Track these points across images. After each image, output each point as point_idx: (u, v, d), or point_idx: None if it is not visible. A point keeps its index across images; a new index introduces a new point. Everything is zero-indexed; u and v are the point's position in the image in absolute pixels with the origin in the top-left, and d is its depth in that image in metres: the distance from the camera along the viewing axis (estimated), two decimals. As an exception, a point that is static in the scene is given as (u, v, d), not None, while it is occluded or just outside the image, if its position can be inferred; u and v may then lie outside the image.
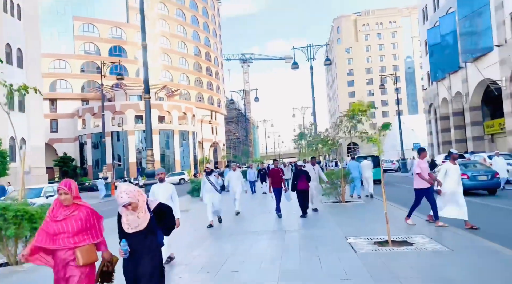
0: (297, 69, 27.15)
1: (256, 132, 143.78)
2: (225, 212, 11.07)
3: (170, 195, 6.05)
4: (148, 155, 13.12)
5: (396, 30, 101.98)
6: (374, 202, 13.24)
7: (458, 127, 31.37)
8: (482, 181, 14.08)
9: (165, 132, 57.45)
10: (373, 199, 14.24)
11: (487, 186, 14.24)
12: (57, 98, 59.53)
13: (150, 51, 66.28)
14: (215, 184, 9.45)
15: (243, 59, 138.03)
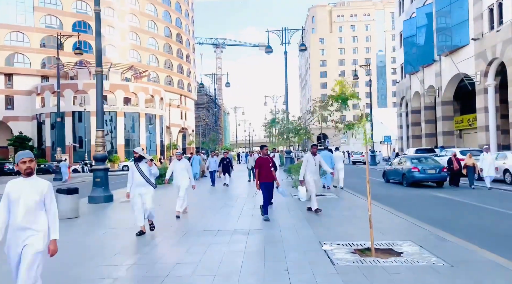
0: (271, 54, 25.83)
1: (227, 119, 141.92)
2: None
3: None
4: (97, 136, 11.58)
5: (370, 23, 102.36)
6: (346, 195, 12.29)
7: (429, 121, 31.22)
8: (432, 174, 15.62)
9: (131, 114, 54.85)
10: (343, 191, 13.43)
11: (435, 178, 15.69)
12: (14, 73, 55.42)
13: (118, 29, 62.96)
14: (147, 174, 6.89)
15: (216, 44, 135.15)
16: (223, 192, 13.93)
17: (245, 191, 14.39)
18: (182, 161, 9.20)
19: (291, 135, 19.21)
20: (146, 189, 6.87)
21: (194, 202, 11.34)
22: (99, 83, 11.93)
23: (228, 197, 12.50)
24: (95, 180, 11.83)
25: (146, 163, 7.03)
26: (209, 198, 12.46)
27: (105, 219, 9.10)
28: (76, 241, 6.62)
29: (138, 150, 7.09)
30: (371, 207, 5.56)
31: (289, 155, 27.10)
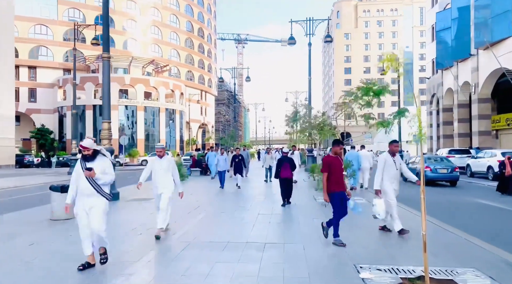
0: (293, 47, 24.47)
1: (247, 116, 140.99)
2: (183, 207, 8.53)
3: None
4: (104, 128, 10.51)
5: (397, 19, 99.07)
6: (370, 197, 10.86)
7: (463, 120, 29.14)
8: (443, 174, 16.20)
9: (151, 109, 54.42)
10: (372, 195, 12.01)
11: (447, 178, 16.26)
12: (37, 66, 55.85)
13: (140, 23, 62.65)
14: (98, 182, 4.61)
15: (238, 39, 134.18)
16: (236, 193, 12.65)
17: (261, 192, 13.10)
18: (165, 159, 6.64)
19: (314, 132, 17.79)
20: (94, 201, 4.59)
21: (204, 204, 10.17)
22: (106, 70, 10.89)
23: (243, 199, 11.25)
24: (100, 176, 10.80)
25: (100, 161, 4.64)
26: (221, 200, 11.26)
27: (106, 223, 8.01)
28: (57, 250, 5.52)
29: (87, 143, 4.63)
30: (425, 223, 4.20)
31: (311, 153, 25.70)
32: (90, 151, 4.63)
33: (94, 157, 4.65)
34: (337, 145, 6.10)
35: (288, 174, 9.76)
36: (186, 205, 9.74)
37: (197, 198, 11.20)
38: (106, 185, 4.67)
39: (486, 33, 24.05)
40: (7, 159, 32.29)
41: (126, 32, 60.97)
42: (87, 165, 4.57)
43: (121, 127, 52.92)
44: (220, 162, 14.48)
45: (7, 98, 34.07)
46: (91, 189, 4.57)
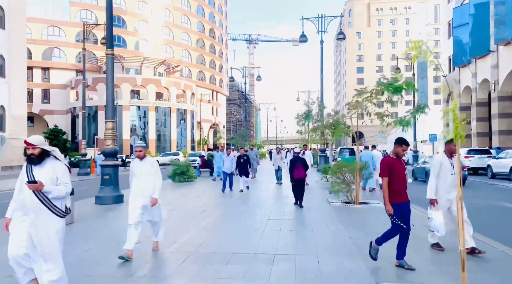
0: (305, 44, 23.83)
1: (259, 116, 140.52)
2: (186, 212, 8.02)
3: None
4: (107, 128, 10.12)
5: (411, 17, 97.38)
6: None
7: (481, 119, 28.12)
8: None
9: (162, 109, 54.33)
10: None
11: None
12: (50, 67, 56.28)
13: (152, 23, 62.68)
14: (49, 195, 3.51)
15: (249, 40, 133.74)
16: (245, 196, 12.01)
17: (272, 195, 12.49)
18: (147, 160, 5.26)
19: (326, 131, 17.15)
20: (41, 219, 3.48)
21: (211, 208, 9.65)
22: (109, 67, 10.48)
23: (252, 202, 10.66)
24: (104, 178, 10.42)
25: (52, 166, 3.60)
26: (229, 203, 10.70)
27: (102, 227, 7.55)
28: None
29: (33, 139, 3.57)
30: (464, 237, 3.59)
31: (324, 153, 25.02)
32: (36, 149, 3.49)
33: (40, 159, 3.51)
34: (400, 144, 4.76)
35: (302, 174, 9.66)
36: (192, 209, 9.25)
37: (204, 201, 10.70)
38: (59, 199, 3.56)
39: (507, 29, 23.06)
40: (19, 159, 32.32)
41: (138, 33, 61.08)
42: (34, 172, 3.48)
43: (132, 127, 52.97)
44: (226, 163, 13.16)
45: (20, 98, 34.19)
46: (38, 203, 3.44)
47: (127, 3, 60.25)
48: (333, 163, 15.01)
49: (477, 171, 22.99)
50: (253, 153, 18.32)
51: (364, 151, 15.57)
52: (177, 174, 16.75)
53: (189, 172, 16.82)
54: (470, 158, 22.39)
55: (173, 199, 11.51)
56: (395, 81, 9.29)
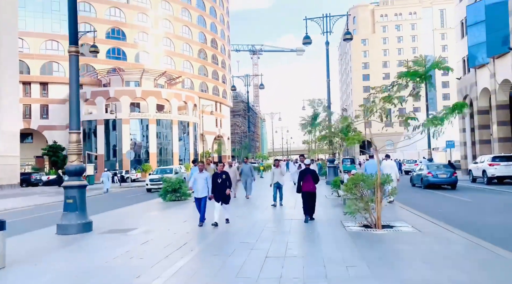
0: (309, 45, 22.06)
1: (264, 127, 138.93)
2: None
3: None
4: (71, 140, 8.26)
5: (416, 22, 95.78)
6: (426, 226, 8.10)
7: (503, 123, 25.95)
8: (444, 178, 18.71)
9: (163, 122, 52.71)
10: (417, 218, 9.25)
11: (446, 182, 18.70)
12: (49, 82, 55.15)
13: (152, 35, 61.56)
14: None
15: (253, 50, 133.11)
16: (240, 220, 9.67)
17: (273, 218, 10.18)
18: None
19: (336, 140, 15.18)
20: None
21: (195, 239, 7.67)
22: (73, 67, 8.70)
23: (247, 229, 8.56)
24: (66, 202, 8.50)
25: None
26: (218, 232, 8.70)
27: (42, 273, 5.59)
28: None
29: None
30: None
31: (333, 163, 22.99)
32: None
33: None
34: None
35: (311, 187, 9.13)
36: (171, 240, 7.28)
37: (190, 228, 8.73)
38: None
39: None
40: (10, 178, 30.73)
41: (138, 45, 59.98)
42: None
43: (133, 141, 51.35)
44: (198, 182, 8.98)
45: (11, 114, 32.68)
46: None
47: (126, 15, 59.29)
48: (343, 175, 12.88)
49: (502, 180, 20.82)
50: (247, 167, 15.25)
51: (370, 160, 13.83)
52: (168, 192, 14.82)
53: (182, 189, 14.88)
54: (495, 166, 20.24)
55: (154, 224, 9.56)
56: (419, 65, 7.38)
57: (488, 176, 20.32)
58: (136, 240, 7.55)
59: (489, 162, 20.66)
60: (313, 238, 7.22)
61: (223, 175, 8.89)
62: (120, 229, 8.80)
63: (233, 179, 14.28)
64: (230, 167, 14.78)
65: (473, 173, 22.68)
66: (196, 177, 9.11)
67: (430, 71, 7.32)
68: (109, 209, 13.34)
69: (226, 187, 8.83)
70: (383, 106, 8.68)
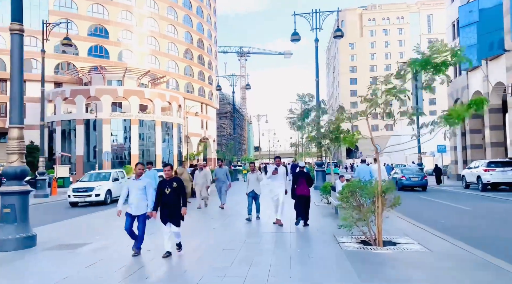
0: (298, 41, 20.85)
1: (251, 130, 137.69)
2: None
3: None
4: (11, 137, 6.76)
5: (404, 27, 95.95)
6: (433, 242, 6.86)
7: (496, 127, 25.17)
8: (415, 181, 20.85)
9: (146, 123, 50.89)
10: (427, 235, 7.97)
11: (418, 184, 20.67)
12: (26, 79, 52.70)
13: (136, 33, 59.71)
14: None
15: (241, 52, 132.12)
16: (213, 236, 8.32)
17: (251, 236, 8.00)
18: None
19: (326, 141, 13.94)
20: None
21: (154, 261, 6.23)
22: (15, 48, 7.21)
23: (221, 249, 7.20)
24: (3, 211, 6.99)
25: None
26: (190, 249, 7.30)
27: None
28: None
29: None
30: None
31: (321, 167, 21.77)
32: None
33: None
34: None
35: (305, 190, 8.95)
36: (125, 262, 5.85)
37: (152, 245, 7.27)
38: None
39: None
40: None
41: (121, 43, 58.05)
42: None
43: (114, 142, 49.40)
44: (132, 194, 6.46)
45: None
46: None
47: (110, 12, 57.37)
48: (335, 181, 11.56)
49: (496, 186, 19.90)
50: (222, 171, 13.03)
51: (361, 165, 13.40)
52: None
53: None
54: (491, 171, 19.29)
55: (113, 238, 8.07)
56: (435, 52, 6.16)
57: (483, 182, 19.38)
58: (83, 260, 6.10)
59: (484, 168, 19.72)
60: (301, 259, 5.88)
61: (173, 183, 6.13)
62: (70, 244, 7.32)
63: (202, 184, 12.77)
64: (201, 170, 13.03)
65: (467, 179, 21.75)
66: (129, 186, 6.48)
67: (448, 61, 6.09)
68: (72, 216, 11.80)
69: (178, 201, 6.12)
70: (387, 100, 7.48)
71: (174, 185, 6.15)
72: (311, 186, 9.15)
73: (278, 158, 9.77)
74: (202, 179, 12.75)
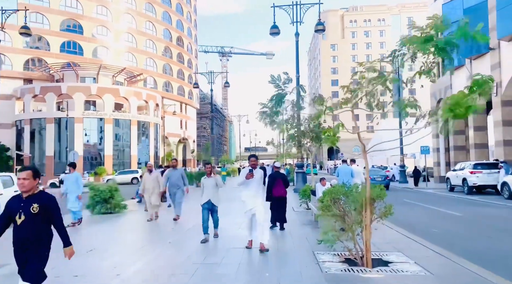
0: (277, 35, 19.60)
1: (233, 131, 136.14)
2: None
3: None
4: None
5: (385, 29, 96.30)
6: (429, 259, 5.66)
7: (480, 128, 24.52)
8: (379, 181, 22.07)
9: (121, 122, 48.79)
10: (416, 246, 6.77)
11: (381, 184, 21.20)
12: (-7, 75, 49.92)
13: (112, 29, 57.48)
14: None
15: (222, 52, 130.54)
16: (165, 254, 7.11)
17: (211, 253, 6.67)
18: None
19: (307, 140, 12.72)
20: None
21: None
22: None
23: (170, 274, 5.82)
24: None
25: None
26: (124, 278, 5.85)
27: None
28: None
29: None
30: None
31: (301, 169, 20.55)
32: None
33: None
34: None
35: (282, 191, 8.75)
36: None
37: (113, 260, 5.81)
38: None
39: None
40: None
41: (96, 39, 55.78)
42: None
43: (87, 142, 47.17)
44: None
45: None
46: None
47: (84, 7, 55.02)
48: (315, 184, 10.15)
49: (481, 189, 19.15)
50: (176, 174, 10.58)
51: (343, 165, 13.05)
52: (97, 203, 11.78)
53: (114, 200, 11.88)
54: (477, 174, 18.48)
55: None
56: (438, 30, 4.97)
57: (469, 185, 18.56)
58: None
59: (470, 170, 18.91)
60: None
61: (32, 205, 3.39)
62: None
63: (152, 190, 10.25)
64: (150, 173, 10.52)
65: (451, 181, 20.94)
66: None
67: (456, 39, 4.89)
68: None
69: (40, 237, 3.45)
70: (372, 90, 6.28)
71: (34, 208, 3.38)
72: (287, 187, 8.86)
73: (254, 157, 6.99)
74: (152, 183, 10.28)
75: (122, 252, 6.67)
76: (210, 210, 7.63)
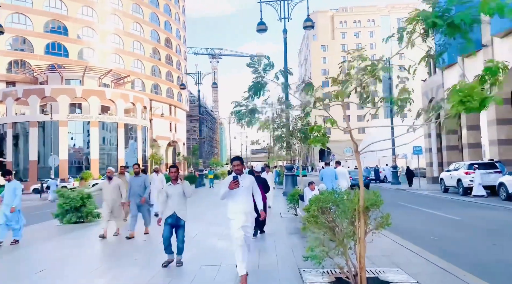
0: (264, 32, 18.78)
1: (224, 133, 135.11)
2: None
3: None
4: None
5: (375, 29, 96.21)
6: (432, 276, 4.85)
7: (473, 127, 23.96)
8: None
9: (107, 125, 47.53)
10: (418, 261, 5.96)
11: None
12: (-26, 78, 48.48)
13: (99, 30, 56.26)
14: None
15: (212, 54, 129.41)
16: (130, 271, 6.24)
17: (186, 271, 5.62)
18: None
19: (294, 141, 11.91)
20: None
21: None
22: None
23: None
24: None
25: None
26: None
27: None
28: None
29: None
30: None
31: (291, 171, 19.73)
32: None
33: None
34: None
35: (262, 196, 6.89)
36: None
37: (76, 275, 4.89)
38: None
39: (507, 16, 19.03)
40: None
41: (82, 41, 54.55)
42: None
43: (73, 146, 45.83)
44: None
45: None
46: None
47: (69, 8, 53.76)
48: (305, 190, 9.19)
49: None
50: (138, 181, 8.89)
51: (326, 167, 12.50)
52: (67, 211, 10.80)
53: (86, 208, 10.90)
54: (472, 174, 17.83)
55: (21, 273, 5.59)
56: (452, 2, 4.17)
57: (465, 185, 17.90)
58: None
59: (465, 170, 18.26)
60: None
61: None
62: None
63: (112, 201, 8.82)
64: (110, 181, 8.94)
65: (446, 182, 20.30)
66: None
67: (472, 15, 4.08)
68: None
69: None
70: (365, 81, 5.49)
71: None
72: (267, 192, 8.70)
73: (238, 160, 5.31)
74: (112, 193, 8.80)
75: (76, 272, 5.73)
76: (174, 226, 5.98)
